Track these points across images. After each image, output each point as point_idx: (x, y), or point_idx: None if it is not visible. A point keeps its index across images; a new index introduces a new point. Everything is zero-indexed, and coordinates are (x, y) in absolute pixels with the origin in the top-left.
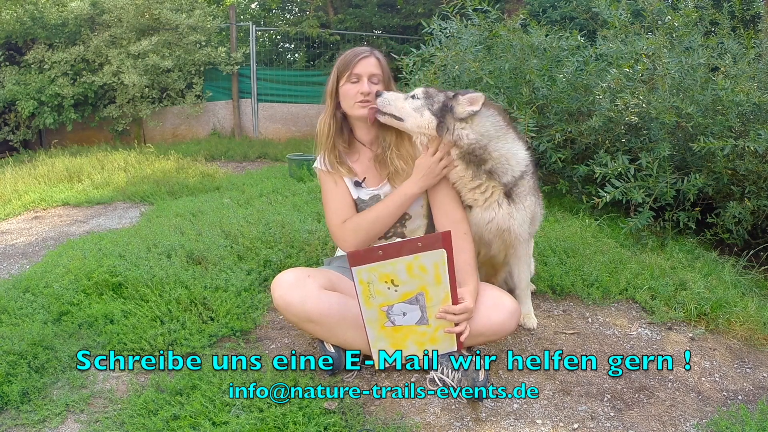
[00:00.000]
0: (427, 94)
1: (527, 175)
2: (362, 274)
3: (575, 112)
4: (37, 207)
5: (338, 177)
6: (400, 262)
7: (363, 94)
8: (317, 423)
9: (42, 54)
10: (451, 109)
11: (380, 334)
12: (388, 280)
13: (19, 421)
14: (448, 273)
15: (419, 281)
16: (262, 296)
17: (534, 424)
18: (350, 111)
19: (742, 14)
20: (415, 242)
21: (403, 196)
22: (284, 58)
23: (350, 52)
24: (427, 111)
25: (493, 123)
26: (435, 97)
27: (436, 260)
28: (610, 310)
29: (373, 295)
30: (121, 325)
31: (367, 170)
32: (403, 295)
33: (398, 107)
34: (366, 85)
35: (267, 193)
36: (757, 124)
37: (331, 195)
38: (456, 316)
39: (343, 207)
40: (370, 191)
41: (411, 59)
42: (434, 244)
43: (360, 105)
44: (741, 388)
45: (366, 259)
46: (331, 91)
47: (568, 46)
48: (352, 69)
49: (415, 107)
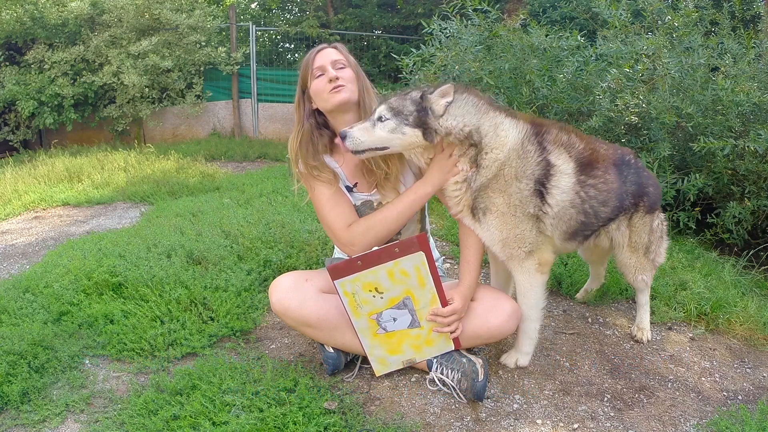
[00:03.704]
0: (393, 110)
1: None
2: (346, 286)
3: (575, 112)
4: (37, 207)
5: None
6: (381, 269)
7: (332, 81)
8: (317, 423)
9: (42, 54)
10: (427, 111)
11: (374, 342)
12: (372, 289)
13: (19, 421)
14: (430, 274)
15: (403, 286)
16: (262, 296)
17: (534, 424)
18: (327, 104)
19: (742, 14)
20: (392, 248)
21: (413, 194)
22: (284, 58)
23: (305, 58)
24: (406, 127)
25: (473, 104)
26: (404, 109)
27: (415, 263)
28: (610, 310)
29: (360, 304)
30: (121, 325)
31: (356, 175)
32: (390, 301)
33: (372, 139)
34: (331, 71)
35: (267, 193)
36: (757, 124)
37: (328, 199)
38: (445, 318)
39: (346, 210)
40: (363, 196)
41: (411, 59)
42: (411, 248)
43: (334, 92)
44: (741, 388)
45: (347, 271)
46: (298, 101)
47: (568, 46)
48: (312, 65)
49: (390, 129)
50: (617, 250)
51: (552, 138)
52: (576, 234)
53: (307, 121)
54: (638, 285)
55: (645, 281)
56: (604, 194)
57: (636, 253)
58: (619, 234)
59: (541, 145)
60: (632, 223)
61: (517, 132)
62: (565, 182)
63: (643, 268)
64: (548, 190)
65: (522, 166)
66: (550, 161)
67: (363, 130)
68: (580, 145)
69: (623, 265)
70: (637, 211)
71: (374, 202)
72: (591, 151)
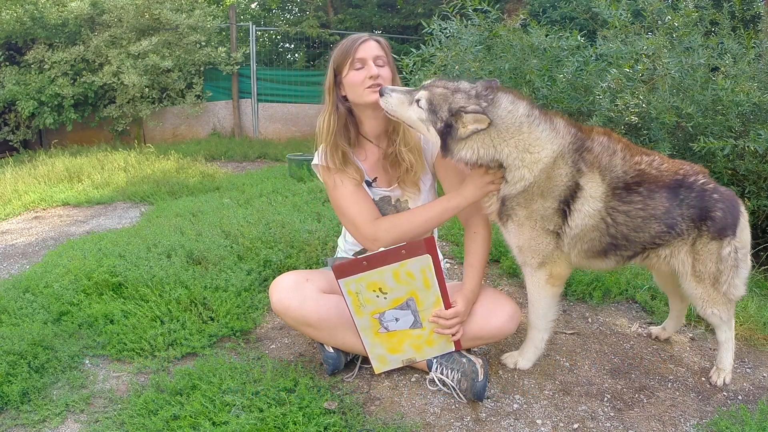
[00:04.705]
0: (431, 105)
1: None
2: (350, 285)
3: (575, 112)
4: (37, 207)
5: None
6: (386, 270)
7: (372, 78)
8: (317, 423)
9: (42, 54)
10: (452, 128)
11: (375, 341)
12: (376, 289)
13: (19, 421)
14: (436, 277)
15: (408, 287)
16: (262, 296)
17: (534, 424)
18: (361, 99)
19: (742, 14)
20: (398, 250)
21: (446, 202)
22: (284, 58)
23: (347, 40)
24: (432, 128)
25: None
26: (440, 111)
27: (422, 266)
28: (610, 310)
29: (363, 304)
30: (121, 325)
31: (376, 170)
32: (393, 301)
33: (404, 116)
34: (374, 68)
35: (267, 193)
36: (757, 124)
37: (350, 194)
38: (448, 321)
39: (369, 205)
40: (381, 191)
41: (411, 59)
42: (418, 250)
43: (371, 90)
44: (741, 388)
45: (352, 271)
46: (329, 87)
47: (568, 46)
48: (354, 55)
49: (419, 118)
50: (681, 279)
51: (591, 158)
52: (605, 253)
53: (342, 104)
54: (711, 320)
55: (718, 316)
56: (639, 220)
57: (702, 283)
58: (678, 261)
59: (576, 165)
60: (696, 250)
61: (551, 150)
62: (590, 207)
63: (714, 301)
64: (571, 213)
65: (549, 185)
66: (580, 184)
67: (399, 101)
68: (623, 167)
69: (689, 296)
70: (701, 237)
71: (392, 198)
72: (635, 173)
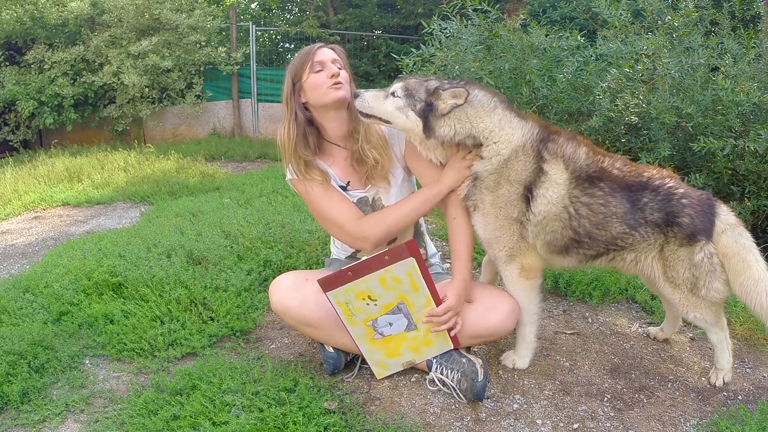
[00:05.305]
0: (407, 91)
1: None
2: (338, 297)
3: (575, 112)
4: (37, 207)
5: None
6: (372, 278)
7: (333, 77)
8: (317, 423)
9: (42, 54)
10: (432, 107)
11: (372, 347)
12: (365, 297)
13: (19, 421)
14: (423, 278)
15: (396, 292)
16: (262, 296)
17: (534, 424)
18: (326, 98)
19: (742, 14)
20: (382, 257)
21: (428, 191)
22: (284, 58)
23: (303, 50)
24: (411, 112)
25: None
26: (417, 94)
27: (407, 269)
28: (610, 310)
29: (354, 313)
30: (121, 325)
31: (347, 172)
32: (384, 307)
33: (381, 110)
34: (334, 68)
35: (267, 193)
36: (757, 124)
37: (328, 197)
38: (441, 317)
39: (349, 206)
40: (357, 194)
41: (411, 59)
42: (401, 254)
43: (335, 88)
44: (741, 388)
45: (338, 283)
46: (287, 97)
47: (568, 46)
48: (312, 59)
49: (397, 107)
50: (656, 283)
51: (555, 147)
52: (568, 250)
53: (301, 113)
54: (698, 324)
55: (703, 319)
56: (600, 216)
57: (678, 289)
58: (646, 266)
59: (541, 153)
60: (665, 256)
61: (521, 134)
62: (553, 192)
63: (695, 306)
64: (534, 198)
65: (516, 168)
66: (543, 168)
67: (375, 97)
68: (586, 161)
69: (670, 300)
70: (668, 243)
71: (370, 198)
72: (597, 170)
